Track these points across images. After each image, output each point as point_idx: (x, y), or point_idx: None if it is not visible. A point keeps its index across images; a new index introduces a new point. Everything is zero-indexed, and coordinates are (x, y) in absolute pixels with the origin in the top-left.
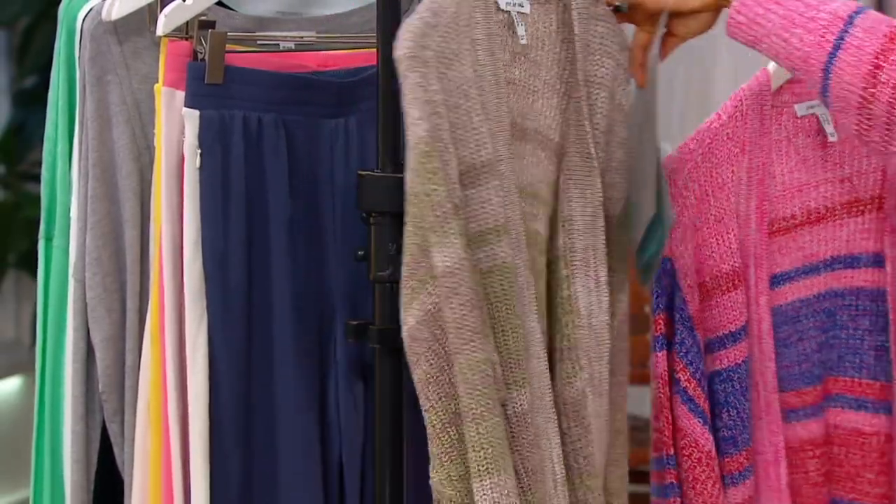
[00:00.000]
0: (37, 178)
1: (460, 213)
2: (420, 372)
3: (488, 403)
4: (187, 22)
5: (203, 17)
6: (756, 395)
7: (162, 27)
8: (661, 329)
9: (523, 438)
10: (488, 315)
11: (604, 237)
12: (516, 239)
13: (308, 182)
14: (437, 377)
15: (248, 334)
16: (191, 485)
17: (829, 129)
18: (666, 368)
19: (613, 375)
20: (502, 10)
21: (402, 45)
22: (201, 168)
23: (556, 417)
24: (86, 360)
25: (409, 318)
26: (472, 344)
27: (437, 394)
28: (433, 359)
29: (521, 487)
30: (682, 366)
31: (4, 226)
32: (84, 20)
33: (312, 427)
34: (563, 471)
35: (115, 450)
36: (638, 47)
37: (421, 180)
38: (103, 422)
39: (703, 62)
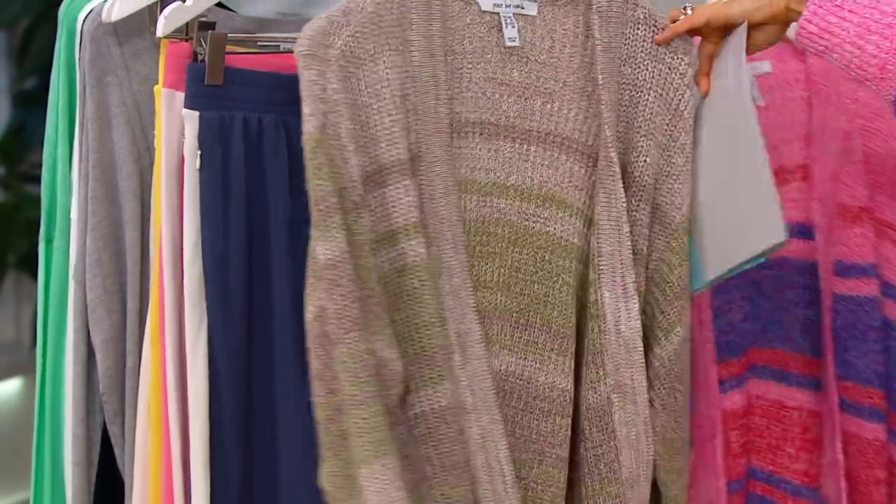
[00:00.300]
0: (37, 180)
1: (349, 208)
2: (314, 365)
3: (370, 391)
4: (187, 23)
5: (203, 19)
6: (697, 367)
7: (162, 28)
8: None
9: (441, 434)
10: (403, 313)
11: (629, 243)
12: (451, 241)
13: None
14: (323, 372)
15: (249, 335)
16: (191, 486)
17: None
18: None
19: (682, 383)
20: (487, 12)
21: (300, 43)
22: (201, 169)
23: (501, 418)
24: (86, 362)
25: (308, 314)
26: (353, 334)
27: (323, 389)
28: (322, 354)
29: (431, 482)
30: None
31: (4, 227)
32: (84, 22)
33: (312, 427)
34: (513, 472)
35: (116, 451)
36: (704, 57)
37: (309, 175)
38: (104, 423)
39: None
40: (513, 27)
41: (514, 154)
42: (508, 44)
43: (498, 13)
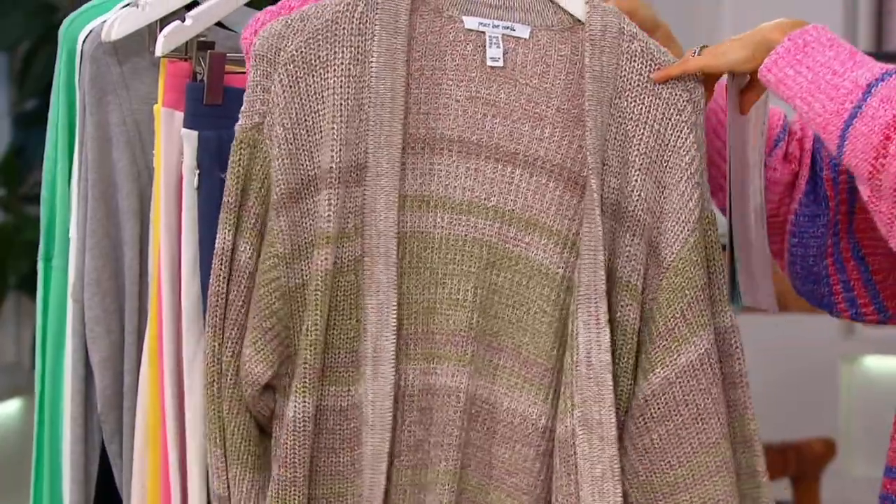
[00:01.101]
0: (37, 201)
1: (248, 208)
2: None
3: (211, 395)
4: (186, 43)
5: (202, 38)
6: None
7: (161, 48)
8: None
9: (341, 430)
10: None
11: (604, 273)
12: (384, 256)
13: None
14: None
15: None
16: None
17: None
18: None
19: (661, 426)
20: (471, 30)
21: (254, 42)
22: (199, 188)
23: (388, 439)
24: (84, 381)
25: None
26: (207, 333)
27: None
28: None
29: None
30: None
31: (5, 248)
32: (84, 41)
33: None
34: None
35: (114, 470)
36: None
37: (228, 169)
38: (102, 443)
39: None
40: (497, 48)
41: (497, 175)
42: (490, 63)
43: (484, 32)
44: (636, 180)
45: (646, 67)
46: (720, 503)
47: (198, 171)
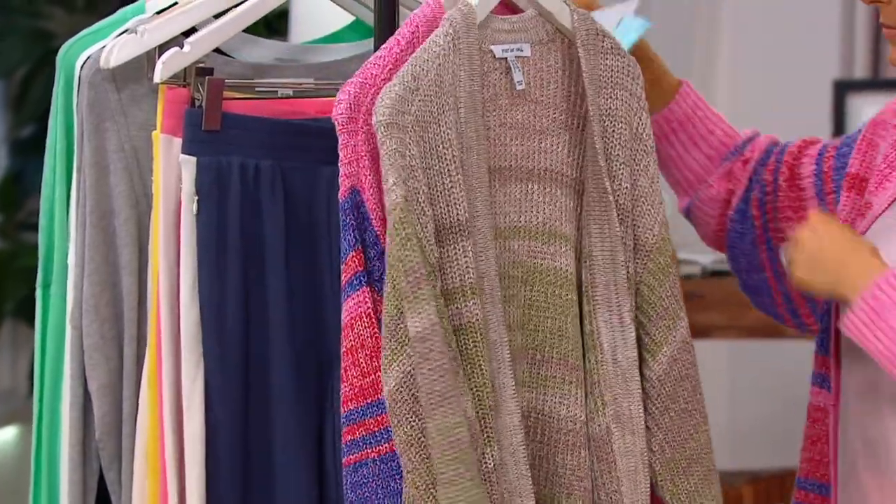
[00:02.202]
0: (34, 227)
1: (434, 278)
2: (401, 433)
3: (458, 468)
4: (185, 69)
5: (201, 65)
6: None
7: (160, 74)
8: (360, 266)
9: (492, 496)
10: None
11: (625, 272)
12: (490, 295)
13: (306, 229)
14: (419, 439)
15: (246, 381)
16: None
17: None
18: (371, 306)
19: (675, 403)
20: (499, 59)
21: (381, 112)
22: (198, 215)
23: (529, 474)
24: (83, 408)
25: (390, 380)
26: (441, 409)
27: (420, 456)
28: (414, 420)
29: None
30: None
31: (1, 274)
32: (82, 67)
33: (310, 475)
34: None
35: (113, 498)
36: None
37: (396, 246)
38: (100, 470)
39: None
40: (519, 71)
41: (521, 194)
42: (518, 87)
43: (506, 58)
44: (622, 174)
45: (616, 63)
46: (713, 472)
47: (196, 198)
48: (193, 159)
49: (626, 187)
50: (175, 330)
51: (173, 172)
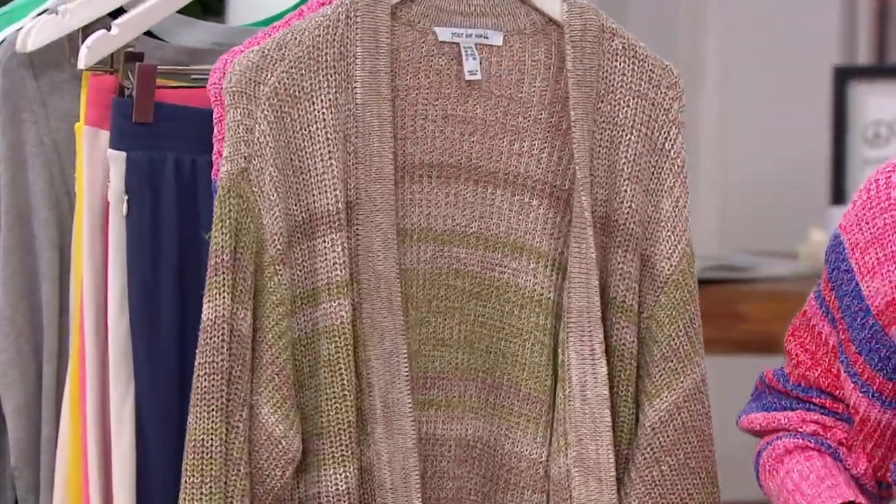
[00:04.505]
0: None
1: (265, 265)
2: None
3: (196, 477)
4: (112, 54)
5: (130, 49)
6: None
7: (84, 60)
8: None
9: None
10: (315, 380)
11: (598, 299)
12: (386, 299)
13: None
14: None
15: (181, 401)
16: None
17: None
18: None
19: (671, 456)
20: (445, 42)
21: (229, 79)
22: (128, 216)
23: (419, 500)
24: None
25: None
26: (195, 409)
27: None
28: None
29: None
30: None
31: None
32: None
33: None
34: None
35: None
36: None
37: (213, 224)
38: (15, 502)
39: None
40: (474, 59)
41: (477, 198)
42: (469, 77)
43: (458, 43)
44: (626, 190)
45: (629, 66)
46: None
47: (126, 197)
48: (123, 154)
49: (631, 206)
50: (102, 344)
51: (99, 169)
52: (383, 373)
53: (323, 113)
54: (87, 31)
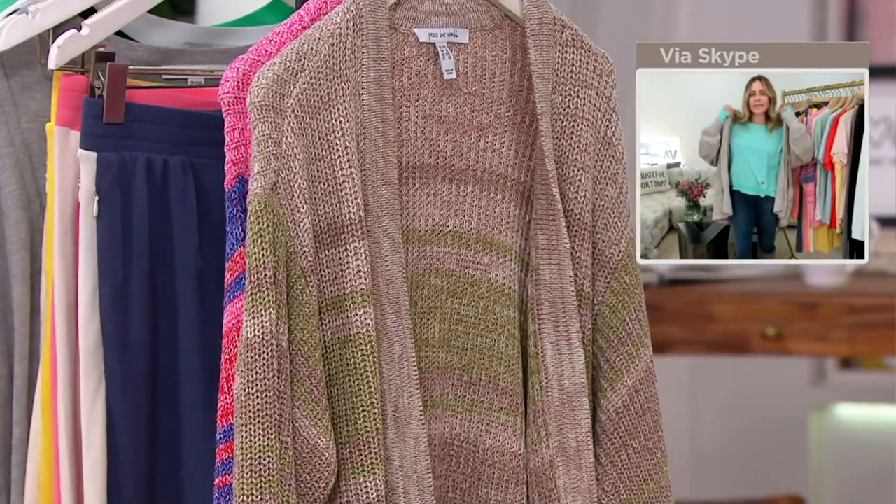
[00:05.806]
0: None
1: (295, 277)
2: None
3: (256, 495)
4: (83, 54)
5: (101, 49)
6: None
7: (55, 59)
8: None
9: None
10: (341, 388)
11: (573, 289)
12: (395, 304)
13: (219, 230)
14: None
15: (153, 402)
16: None
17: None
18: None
19: (634, 439)
20: (424, 43)
21: (255, 92)
22: (99, 217)
23: (433, 501)
24: None
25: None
26: (249, 428)
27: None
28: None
29: None
30: None
31: None
32: None
33: None
34: None
35: None
36: None
37: (249, 242)
38: None
39: None
40: (449, 58)
41: (452, 196)
42: (446, 77)
43: (434, 43)
44: (580, 179)
45: (578, 57)
46: None
47: (97, 197)
48: (94, 154)
49: (585, 195)
50: (73, 346)
51: (70, 169)
52: (394, 378)
53: (340, 122)
54: (57, 30)
